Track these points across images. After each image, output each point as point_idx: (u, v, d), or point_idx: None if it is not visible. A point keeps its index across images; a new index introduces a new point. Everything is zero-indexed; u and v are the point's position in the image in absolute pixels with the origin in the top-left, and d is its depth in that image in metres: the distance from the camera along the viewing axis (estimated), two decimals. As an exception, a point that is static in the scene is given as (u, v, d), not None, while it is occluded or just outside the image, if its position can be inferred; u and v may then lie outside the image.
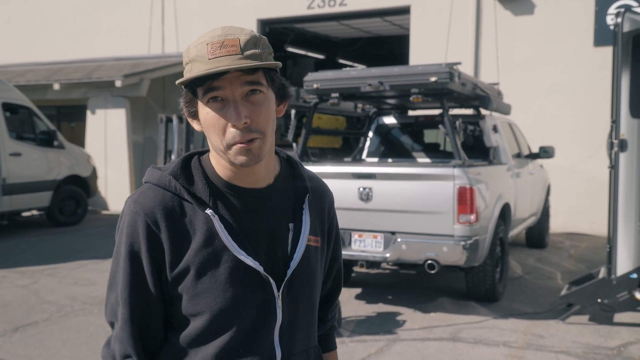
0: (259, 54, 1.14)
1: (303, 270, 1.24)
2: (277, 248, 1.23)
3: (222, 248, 1.17)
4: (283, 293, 1.21)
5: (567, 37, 10.48)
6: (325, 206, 1.35)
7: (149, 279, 1.19)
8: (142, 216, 1.18)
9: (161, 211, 1.17)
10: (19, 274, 7.09)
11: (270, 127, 1.17)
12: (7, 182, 9.49)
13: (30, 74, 13.80)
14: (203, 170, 1.23)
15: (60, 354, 4.55)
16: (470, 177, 5.24)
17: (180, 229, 1.18)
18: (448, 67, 5.35)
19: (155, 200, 1.19)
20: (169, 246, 1.17)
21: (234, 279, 1.17)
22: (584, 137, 10.31)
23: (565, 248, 8.98)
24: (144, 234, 1.17)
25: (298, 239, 1.25)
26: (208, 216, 1.17)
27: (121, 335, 1.22)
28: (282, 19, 13.44)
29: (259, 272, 1.18)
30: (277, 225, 1.24)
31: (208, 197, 1.19)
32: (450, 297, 6.14)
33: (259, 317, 1.20)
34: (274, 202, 1.24)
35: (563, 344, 4.74)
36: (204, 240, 1.17)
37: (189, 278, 1.17)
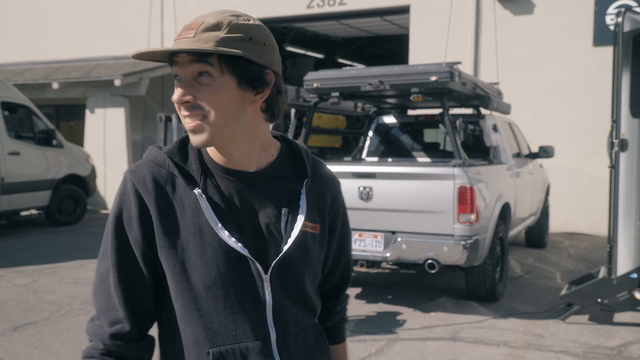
0: (214, 38, 1.13)
1: (297, 255, 1.24)
2: (267, 231, 1.23)
3: (208, 227, 1.18)
4: (272, 275, 1.21)
5: (566, 37, 10.48)
6: (328, 195, 1.34)
7: (137, 245, 1.20)
8: (134, 186, 1.20)
9: (153, 185, 1.20)
10: (18, 273, 7.07)
11: (220, 110, 1.15)
12: (5, 181, 9.47)
13: (29, 73, 13.78)
14: (198, 151, 1.25)
15: (59, 354, 4.54)
16: (471, 177, 5.23)
17: (169, 204, 1.20)
18: (448, 67, 5.34)
19: (150, 175, 1.21)
20: (158, 219, 1.19)
21: (218, 259, 1.17)
22: (583, 136, 10.32)
23: (564, 248, 8.98)
24: (135, 202, 1.20)
25: (293, 224, 1.24)
26: (196, 195, 1.19)
27: (110, 303, 1.22)
28: (281, 18, 13.42)
29: (242, 255, 1.19)
30: (269, 208, 1.24)
31: (199, 176, 1.21)
32: (450, 296, 6.14)
33: (246, 297, 1.20)
34: (266, 186, 1.25)
35: (563, 343, 4.74)
36: (192, 218, 1.18)
37: (175, 253, 1.18)
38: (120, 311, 1.22)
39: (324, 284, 1.42)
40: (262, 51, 1.18)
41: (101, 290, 1.24)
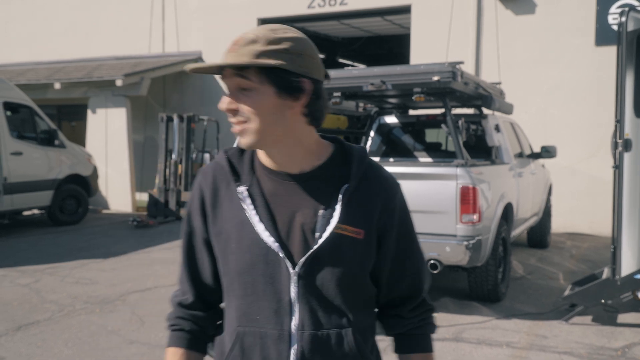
0: (252, 51, 1.23)
1: (329, 256, 1.28)
2: (301, 230, 1.30)
3: (247, 221, 1.31)
4: (301, 272, 1.28)
5: (568, 36, 10.47)
6: (379, 199, 1.34)
7: (199, 232, 1.40)
8: (198, 181, 1.42)
9: (212, 181, 1.39)
10: (20, 273, 7.07)
11: (260, 116, 1.26)
12: (8, 181, 9.48)
13: (31, 73, 13.78)
14: (253, 153, 1.39)
15: (62, 353, 4.53)
16: (473, 177, 5.22)
17: (222, 198, 1.37)
18: (451, 66, 5.33)
19: (211, 173, 1.41)
20: (211, 209, 1.38)
21: (252, 249, 1.30)
22: (585, 136, 10.30)
23: (567, 248, 8.97)
24: (198, 195, 1.41)
25: (327, 224, 1.29)
26: (241, 192, 1.34)
27: (180, 277, 1.46)
28: (282, 18, 13.41)
29: (272, 249, 1.29)
30: (307, 209, 1.31)
31: (248, 176, 1.36)
32: (452, 297, 6.13)
33: (272, 288, 1.29)
34: (308, 187, 1.33)
35: (566, 344, 4.73)
36: (236, 211, 1.33)
37: (222, 239, 1.35)
38: (186, 285, 1.44)
39: (390, 292, 1.42)
40: (298, 61, 1.25)
41: (180, 266, 1.47)
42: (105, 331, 5.03)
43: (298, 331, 1.28)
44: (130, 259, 8.00)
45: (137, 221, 10.51)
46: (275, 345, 1.28)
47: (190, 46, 13.78)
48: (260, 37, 1.24)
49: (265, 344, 1.29)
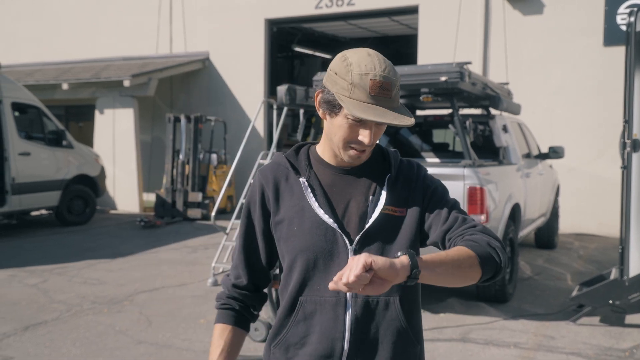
0: (398, 98, 1.49)
1: (379, 232, 1.53)
2: (356, 212, 1.56)
3: (308, 206, 1.55)
4: (357, 247, 1.52)
5: (576, 36, 10.43)
6: (415, 184, 1.61)
7: (258, 223, 1.63)
8: (259, 180, 1.66)
9: (272, 177, 1.63)
10: (29, 273, 7.11)
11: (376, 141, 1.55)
12: (16, 181, 9.53)
13: (39, 74, 13.85)
14: (308, 152, 1.65)
15: (70, 353, 4.55)
16: (481, 177, 5.21)
17: (283, 190, 1.61)
18: (458, 67, 5.32)
19: (271, 171, 1.65)
20: (273, 201, 1.61)
21: (313, 230, 1.53)
22: (593, 137, 10.26)
23: (574, 249, 8.93)
24: (259, 191, 1.64)
25: (375, 208, 1.55)
26: (302, 183, 1.59)
27: (236, 262, 1.69)
28: (289, 19, 13.43)
29: (331, 227, 1.53)
30: (359, 195, 1.58)
31: (305, 170, 1.61)
32: (459, 297, 6.11)
33: (332, 261, 1.52)
34: (359, 179, 1.60)
35: (574, 345, 4.71)
36: (298, 200, 1.58)
37: (284, 225, 1.58)
38: (240, 269, 1.68)
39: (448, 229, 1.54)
40: None
41: (235, 255, 1.71)
42: (113, 331, 5.05)
43: (352, 298, 1.51)
44: (137, 259, 8.03)
45: (145, 221, 10.54)
46: (333, 310, 1.52)
47: (198, 47, 13.82)
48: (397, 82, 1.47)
49: (324, 309, 1.53)
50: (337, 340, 1.51)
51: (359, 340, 1.51)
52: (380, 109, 1.42)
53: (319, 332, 1.53)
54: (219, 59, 13.66)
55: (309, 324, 1.54)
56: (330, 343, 1.52)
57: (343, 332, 1.51)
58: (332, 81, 1.48)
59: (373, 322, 1.52)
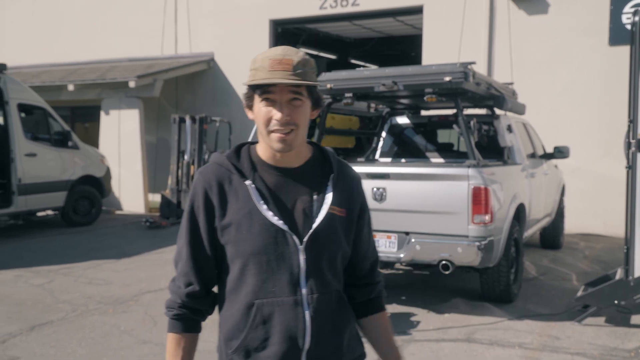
0: (303, 72, 1.53)
1: (326, 231, 1.59)
2: (303, 212, 1.59)
3: (255, 209, 1.56)
4: (307, 246, 1.57)
5: (581, 36, 10.40)
6: (353, 186, 1.70)
7: (203, 227, 1.61)
8: (201, 182, 1.62)
9: (215, 180, 1.61)
10: (34, 273, 7.14)
11: (302, 124, 1.57)
12: (22, 182, 9.57)
13: (45, 75, 13.91)
14: (249, 153, 1.66)
15: (75, 353, 4.57)
16: (485, 177, 5.21)
17: (227, 193, 1.60)
18: (462, 67, 5.32)
19: (213, 173, 1.63)
20: (218, 205, 1.59)
21: (264, 233, 1.55)
22: (598, 137, 10.23)
23: (580, 249, 8.91)
24: (202, 195, 1.61)
25: (320, 207, 1.61)
26: (246, 185, 1.59)
27: (185, 269, 1.65)
28: (294, 20, 13.44)
29: (282, 229, 1.56)
30: (304, 195, 1.61)
31: (249, 172, 1.61)
32: (464, 298, 6.11)
33: (285, 263, 1.56)
34: (302, 179, 1.63)
35: (579, 345, 4.70)
36: (244, 203, 1.58)
37: (231, 229, 1.58)
38: (192, 276, 1.64)
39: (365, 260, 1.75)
40: (316, 78, 1.60)
41: (179, 260, 1.67)
42: (118, 331, 5.07)
43: (308, 295, 1.57)
44: (143, 259, 8.05)
45: (150, 222, 10.57)
46: (293, 310, 1.55)
47: (203, 47, 13.85)
48: (302, 60, 1.54)
49: (283, 310, 1.55)
50: (299, 337, 1.56)
51: (318, 334, 1.57)
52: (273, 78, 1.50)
53: (280, 332, 1.55)
54: (224, 59, 13.69)
55: (269, 326, 1.56)
56: (292, 341, 1.56)
57: (304, 329, 1.56)
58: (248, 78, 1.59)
59: (328, 316, 1.60)
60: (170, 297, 1.69)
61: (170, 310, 1.67)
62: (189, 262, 1.64)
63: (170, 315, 1.67)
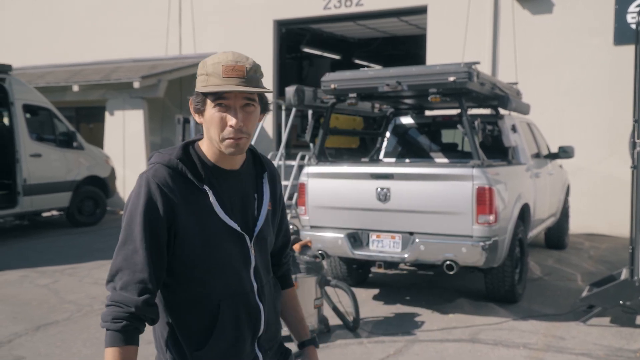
0: (256, 79, 1.59)
1: (265, 228, 1.74)
2: (248, 212, 1.71)
3: (213, 213, 1.62)
4: (254, 244, 1.70)
5: (586, 36, 10.37)
6: (276, 182, 1.84)
7: (162, 231, 1.57)
8: (156, 185, 1.58)
9: (172, 184, 1.59)
10: (40, 274, 7.17)
11: (253, 129, 1.63)
12: (27, 182, 9.60)
13: (50, 76, 13.95)
14: (198, 155, 1.66)
15: (81, 353, 4.59)
16: (489, 177, 5.20)
17: (184, 197, 1.60)
18: (467, 67, 5.31)
19: (168, 176, 1.60)
20: (177, 209, 1.58)
21: (221, 235, 1.62)
22: (603, 137, 10.20)
23: (585, 249, 8.88)
24: (160, 197, 1.57)
25: (261, 205, 1.74)
26: (204, 190, 1.62)
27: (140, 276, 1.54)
28: (298, 20, 13.45)
29: (237, 231, 1.65)
30: (247, 195, 1.72)
31: (204, 176, 1.63)
32: (468, 298, 6.10)
33: (240, 261, 1.66)
34: (244, 179, 1.72)
35: (584, 346, 4.69)
36: (200, 207, 1.61)
37: (190, 233, 1.59)
38: (149, 282, 1.55)
39: (277, 243, 1.91)
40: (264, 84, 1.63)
41: (127, 268, 1.55)
42: (123, 331, 5.08)
43: (258, 286, 1.70)
44: (147, 259, 8.06)
45: (154, 222, 10.57)
46: (252, 300, 1.68)
47: (207, 48, 13.86)
48: (254, 66, 1.59)
49: (246, 300, 1.67)
50: (257, 325, 1.70)
51: (268, 320, 1.74)
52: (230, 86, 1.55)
53: (244, 323, 1.67)
54: (228, 60, 13.67)
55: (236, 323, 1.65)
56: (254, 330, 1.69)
57: (259, 317, 1.70)
58: (196, 83, 1.61)
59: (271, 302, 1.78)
60: (112, 308, 1.53)
61: (117, 321, 1.51)
62: (146, 267, 1.54)
63: (116, 327, 1.51)
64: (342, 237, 5.69)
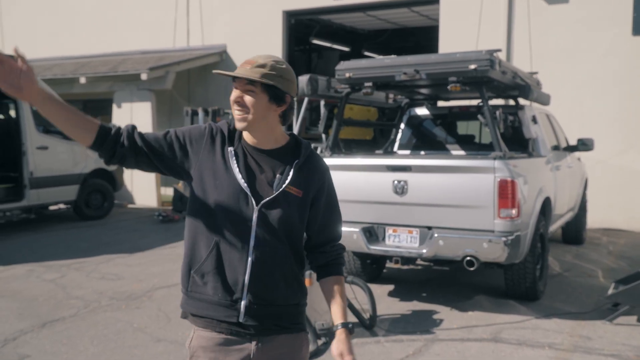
0: (260, 72, 1.90)
1: (279, 204, 1.95)
2: (264, 183, 1.97)
3: (230, 169, 1.96)
4: (261, 208, 1.94)
5: (603, 26, 10.10)
6: (315, 175, 2.04)
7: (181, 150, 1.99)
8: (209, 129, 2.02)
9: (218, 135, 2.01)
10: (46, 268, 7.02)
11: (255, 112, 1.93)
12: (34, 175, 9.46)
13: (57, 68, 13.80)
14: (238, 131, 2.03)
15: (87, 351, 4.42)
16: (512, 170, 4.99)
17: (216, 148, 1.99)
18: (488, 54, 5.09)
19: (217, 130, 2.03)
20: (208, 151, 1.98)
21: (231, 188, 1.94)
22: (621, 129, 9.95)
23: (603, 244, 8.66)
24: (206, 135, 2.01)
25: (281, 184, 1.97)
26: (229, 150, 1.99)
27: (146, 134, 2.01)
28: (308, 10, 13.22)
29: (243, 189, 1.93)
30: (270, 172, 1.99)
31: (235, 142, 2.01)
32: (487, 295, 5.90)
33: (241, 214, 1.93)
34: (271, 159, 2.00)
35: (613, 346, 4.48)
36: (223, 161, 1.97)
37: (207, 175, 1.96)
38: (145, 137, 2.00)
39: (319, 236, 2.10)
40: (285, 84, 1.95)
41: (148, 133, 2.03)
42: (131, 328, 4.92)
43: (254, 246, 1.93)
44: (156, 254, 7.91)
45: (163, 216, 10.44)
46: (239, 252, 1.93)
47: (215, 40, 13.67)
48: (267, 64, 1.91)
49: (233, 249, 1.93)
50: (239, 275, 1.93)
51: (257, 276, 1.93)
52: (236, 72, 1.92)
53: (227, 267, 1.93)
54: (237, 51, 13.50)
55: (221, 259, 1.93)
56: (235, 276, 1.93)
57: (245, 269, 1.92)
58: None
59: (269, 265, 1.95)
60: None
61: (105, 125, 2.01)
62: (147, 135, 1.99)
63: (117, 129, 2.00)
64: (357, 232, 5.50)
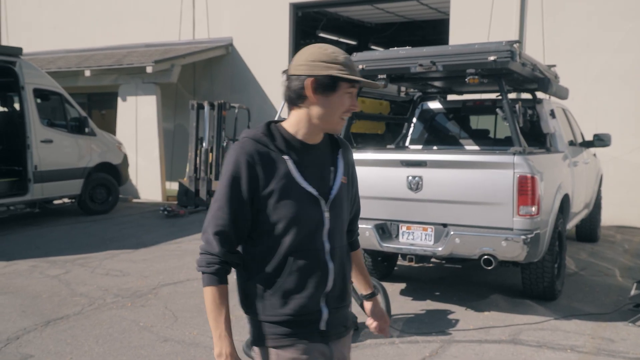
0: None
1: (339, 196, 1.93)
2: (324, 180, 1.92)
3: (293, 180, 1.85)
4: (329, 208, 1.90)
5: (618, 19, 9.88)
6: (350, 158, 2.05)
7: (246, 195, 1.83)
8: (245, 155, 1.83)
9: (257, 154, 1.84)
10: (50, 264, 6.87)
11: None
12: (38, 169, 9.32)
13: (61, 61, 13.65)
14: (280, 132, 1.90)
15: (92, 351, 4.27)
16: (532, 166, 4.80)
17: (268, 166, 1.84)
18: (508, 45, 4.90)
19: (253, 147, 1.85)
20: (262, 176, 1.83)
21: (300, 199, 1.84)
22: (636, 125, 9.74)
23: (618, 242, 8.47)
24: (245, 166, 1.82)
25: (336, 176, 1.95)
26: (285, 160, 1.85)
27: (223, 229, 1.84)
28: (314, 3, 13.04)
29: (314, 195, 1.87)
30: (325, 166, 1.94)
31: (284, 148, 1.87)
32: (503, 294, 5.72)
33: (315, 223, 1.87)
34: (322, 153, 1.95)
35: (638, 349, 4.30)
36: (283, 174, 1.84)
37: (273, 197, 1.83)
38: (232, 234, 1.85)
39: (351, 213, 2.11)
40: None
41: (213, 222, 1.86)
42: (137, 327, 4.77)
43: (331, 247, 1.90)
44: (161, 249, 7.76)
45: (168, 210, 10.29)
46: (322, 257, 1.88)
47: (221, 33, 13.50)
48: None
49: (316, 257, 1.87)
50: (322, 282, 1.88)
51: (335, 280, 1.92)
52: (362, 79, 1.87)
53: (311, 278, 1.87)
54: (243, 45, 13.32)
55: (302, 274, 1.85)
56: (319, 285, 1.88)
57: (327, 275, 1.89)
58: (323, 67, 1.80)
59: (341, 265, 1.96)
60: (204, 256, 1.87)
61: (210, 266, 1.85)
62: (230, 224, 1.83)
63: (210, 270, 1.84)
64: (369, 229, 5.32)
